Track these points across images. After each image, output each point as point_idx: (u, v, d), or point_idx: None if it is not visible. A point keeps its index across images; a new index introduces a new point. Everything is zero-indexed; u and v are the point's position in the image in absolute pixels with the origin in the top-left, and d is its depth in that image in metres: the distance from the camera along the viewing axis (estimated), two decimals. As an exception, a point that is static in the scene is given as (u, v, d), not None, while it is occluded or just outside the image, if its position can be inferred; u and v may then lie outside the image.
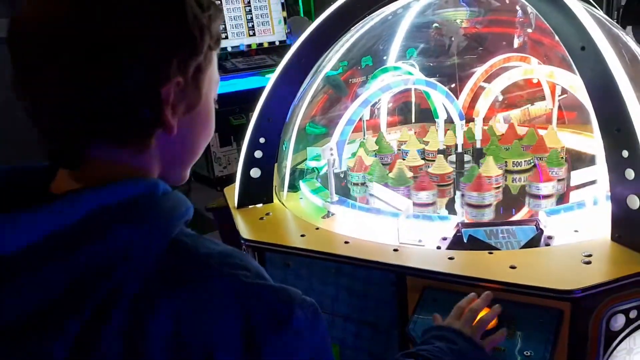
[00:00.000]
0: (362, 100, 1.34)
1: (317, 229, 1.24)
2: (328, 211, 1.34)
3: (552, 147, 1.46)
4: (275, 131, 1.39)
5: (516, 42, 2.30)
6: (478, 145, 1.59)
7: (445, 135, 1.62)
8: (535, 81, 2.19)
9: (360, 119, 1.97)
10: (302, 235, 1.21)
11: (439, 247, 1.11)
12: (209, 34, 0.51)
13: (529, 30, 1.68)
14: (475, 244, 1.11)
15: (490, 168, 1.37)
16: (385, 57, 1.94)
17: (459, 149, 1.54)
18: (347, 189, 1.56)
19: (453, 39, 3.40)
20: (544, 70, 1.41)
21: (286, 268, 1.23)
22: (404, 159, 1.58)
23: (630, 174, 0.97)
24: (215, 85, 0.56)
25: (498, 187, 1.37)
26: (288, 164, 1.47)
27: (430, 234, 1.16)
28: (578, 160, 1.51)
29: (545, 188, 1.31)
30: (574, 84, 1.26)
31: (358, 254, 1.10)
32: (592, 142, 1.66)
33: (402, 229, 1.15)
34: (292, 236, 1.22)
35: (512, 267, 0.97)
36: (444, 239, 1.14)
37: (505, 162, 1.48)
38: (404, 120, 2.28)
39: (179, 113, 0.51)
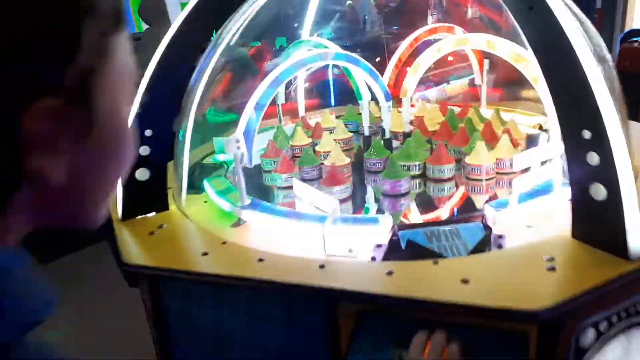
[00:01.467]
0: (272, 80, 1.10)
1: (224, 243, 0.99)
2: (239, 218, 1.09)
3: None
4: (165, 120, 1.11)
5: (430, 20, 2.15)
6: (407, 129, 1.41)
7: (369, 118, 1.42)
8: (450, 58, 2.09)
9: (275, 103, 1.74)
10: (205, 254, 0.95)
11: (373, 258, 0.90)
12: (93, 12, 0.33)
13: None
14: (416, 251, 0.92)
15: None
16: (300, 33, 1.71)
17: (387, 134, 1.34)
18: (267, 188, 1.32)
19: (367, 17, 3.22)
20: (480, 39, 1.23)
21: (187, 297, 0.97)
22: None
23: (593, 158, 0.81)
24: (126, 83, 0.38)
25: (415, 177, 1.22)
26: (185, 158, 1.19)
27: (361, 240, 0.95)
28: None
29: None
30: (516, 53, 1.10)
31: (275, 276, 0.86)
32: (530, 120, 1.55)
33: (328, 238, 0.93)
34: (191, 256, 0.96)
35: (464, 282, 0.78)
36: (379, 246, 0.94)
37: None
38: (324, 103, 2.06)
39: (61, 151, 0.34)
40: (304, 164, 1.28)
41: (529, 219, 0.97)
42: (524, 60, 1.08)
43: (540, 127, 1.52)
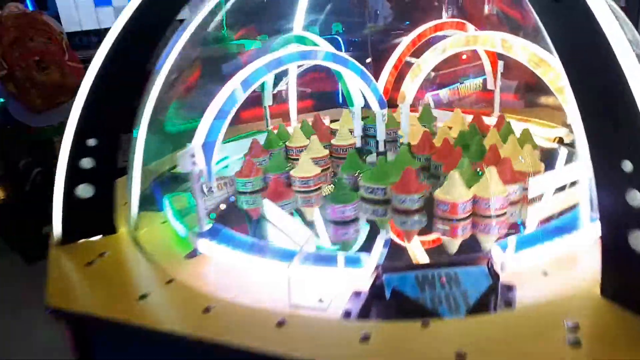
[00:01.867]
0: (239, 82, 0.91)
1: (170, 282, 0.81)
2: (194, 248, 0.91)
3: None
4: (112, 127, 0.94)
5: (445, 16, 1.95)
6: (405, 139, 1.21)
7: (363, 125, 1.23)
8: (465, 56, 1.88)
9: (261, 105, 1.55)
10: (143, 297, 0.78)
11: (348, 314, 0.71)
12: None
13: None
14: (403, 304, 0.73)
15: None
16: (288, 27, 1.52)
17: (380, 147, 1.15)
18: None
19: (379, 12, 3.00)
20: (494, 38, 1.03)
21: (118, 343, 0.80)
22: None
23: (635, 197, 0.61)
24: None
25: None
26: (136, 169, 1.00)
27: (336, 284, 0.77)
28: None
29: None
30: (538, 56, 0.90)
31: (218, 334, 0.68)
32: (549, 132, 1.34)
33: (295, 282, 0.75)
34: (125, 299, 0.78)
35: (460, 356, 0.59)
36: (357, 294, 0.75)
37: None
38: (319, 105, 1.87)
39: None
40: (268, 171, 1.10)
41: (546, 263, 0.77)
42: (545, 64, 0.89)
43: (561, 141, 1.32)
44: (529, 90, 1.53)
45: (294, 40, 1.35)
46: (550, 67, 0.87)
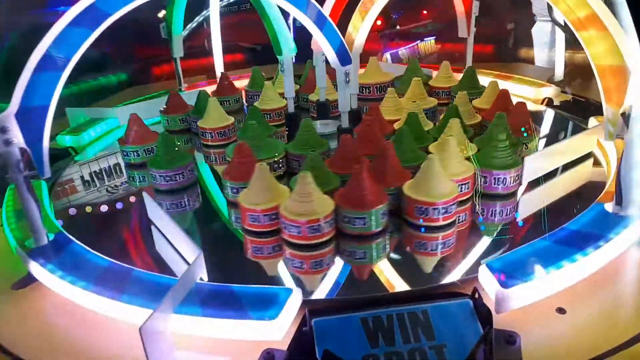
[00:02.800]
0: (79, 13, 0.57)
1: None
2: (28, 272, 0.59)
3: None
4: None
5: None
6: (322, 96, 0.91)
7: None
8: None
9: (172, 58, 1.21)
10: None
11: (248, 399, 0.42)
12: None
13: None
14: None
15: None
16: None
17: (344, 122, 0.84)
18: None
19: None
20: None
21: None
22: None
23: None
24: None
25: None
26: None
27: (238, 343, 0.47)
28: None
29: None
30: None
31: None
32: (534, 92, 1.07)
33: (159, 341, 0.44)
34: None
35: None
36: (269, 357, 0.46)
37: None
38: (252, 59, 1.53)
39: None
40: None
41: (564, 294, 0.50)
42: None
43: (550, 103, 1.05)
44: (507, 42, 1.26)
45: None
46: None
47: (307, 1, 0.72)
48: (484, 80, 1.04)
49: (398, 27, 1.68)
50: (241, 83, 1.24)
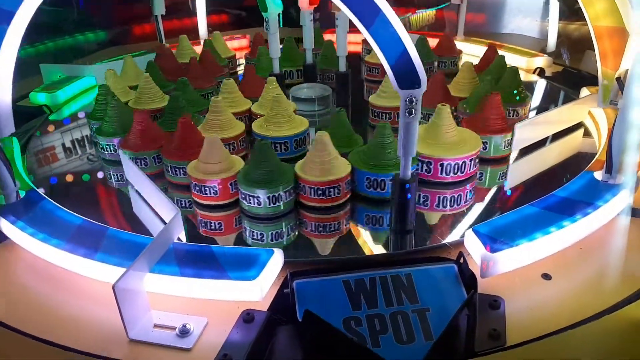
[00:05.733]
0: None
1: None
2: (-2, 229, 0.57)
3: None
4: None
5: None
6: (341, 66, 0.88)
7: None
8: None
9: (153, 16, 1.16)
10: None
11: (225, 357, 0.41)
12: None
13: None
14: (324, 335, 0.43)
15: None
16: None
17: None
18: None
19: None
20: None
21: None
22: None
23: None
24: None
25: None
26: None
27: (216, 303, 0.46)
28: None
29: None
30: None
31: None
32: (526, 62, 1.05)
33: (133, 299, 0.43)
34: None
35: None
36: (247, 319, 0.45)
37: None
38: (237, 21, 1.48)
39: None
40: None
41: (550, 260, 0.49)
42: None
43: (542, 72, 1.03)
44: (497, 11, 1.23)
45: None
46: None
47: None
48: (477, 48, 1.02)
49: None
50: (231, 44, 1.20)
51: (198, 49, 1.13)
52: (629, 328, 0.41)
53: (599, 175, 0.58)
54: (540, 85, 1.01)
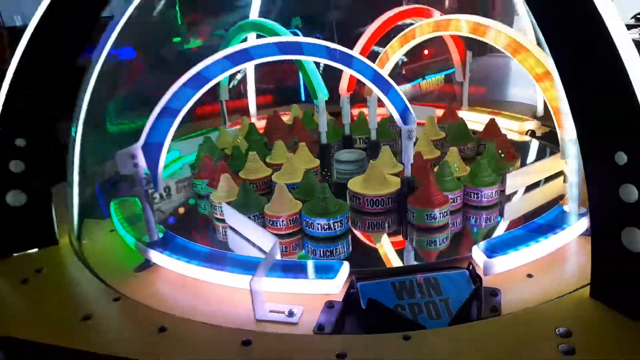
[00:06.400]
0: (190, 78, 0.81)
1: (117, 300, 0.72)
2: (145, 259, 0.82)
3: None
4: (43, 124, 0.83)
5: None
6: (373, 136, 1.15)
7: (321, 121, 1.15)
8: (426, 51, 1.84)
9: (218, 101, 1.46)
10: (86, 318, 0.68)
11: (320, 328, 0.64)
12: None
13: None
14: (380, 314, 0.66)
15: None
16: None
17: (407, 172, 1.03)
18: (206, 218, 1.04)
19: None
20: (467, 22, 0.97)
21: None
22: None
23: (630, 192, 0.57)
24: None
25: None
26: (75, 171, 0.90)
27: (307, 296, 0.69)
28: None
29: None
30: (517, 42, 0.85)
31: (176, 356, 0.59)
32: (519, 126, 1.31)
33: (259, 296, 0.67)
34: (67, 321, 0.68)
35: (447, 374, 0.53)
36: (330, 306, 0.68)
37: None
38: (280, 100, 1.79)
39: None
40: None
41: (531, 264, 0.72)
42: (524, 50, 0.84)
43: (533, 134, 1.29)
44: (498, 83, 1.50)
45: (250, 28, 1.26)
46: (530, 54, 0.82)
47: (372, 70, 0.89)
48: (479, 116, 1.28)
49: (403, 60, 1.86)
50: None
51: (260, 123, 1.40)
52: (576, 305, 0.63)
53: (566, 208, 0.81)
54: (534, 144, 1.26)
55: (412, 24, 1.15)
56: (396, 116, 0.90)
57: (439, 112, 1.31)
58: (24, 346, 0.66)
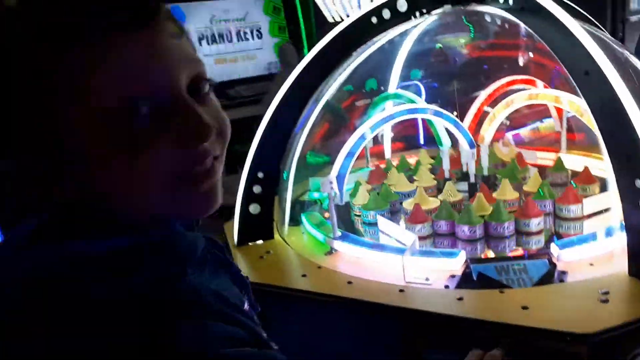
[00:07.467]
0: (362, 132, 1.30)
1: (320, 267, 1.19)
2: (331, 247, 1.29)
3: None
4: (274, 165, 1.36)
5: (521, 61, 2.24)
6: (485, 172, 1.54)
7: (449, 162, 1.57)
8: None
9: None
10: (304, 276, 1.16)
11: (447, 287, 1.05)
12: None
13: (531, 55, 1.63)
14: (485, 282, 1.05)
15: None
16: (386, 84, 1.92)
17: (472, 179, 1.47)
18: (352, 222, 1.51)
19: (457, 59, 3.34)
20: (549, 94, 1.37)
21: (287, 311, 1.18)
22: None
23: (646, 206, 0.91)
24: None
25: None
26: (288, 196, 1.43)
27: (437, 271, 1.11)
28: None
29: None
30: (581, 109, 1.22)
31: (361, 296, 1.04)
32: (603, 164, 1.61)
33: (407, 267, 1.10)
34: (293, 276, 1.17)
35: (524, 308, 0.91)
36: (452, 277, 1.09)
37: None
38: (407, 146, 2.24)
39: None
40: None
41: (592, 258, 1.07)
42: (587, 114, 1.19)
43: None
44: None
45: (391, 97, 1.74)
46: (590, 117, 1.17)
47: (454, 120, 1.36)
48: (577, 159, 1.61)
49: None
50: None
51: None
52: (619, 278, 0.97)
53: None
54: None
55: (522, 89, 1.53)
56: (465, 145, 1.33)
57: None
58: (272, 290, 1.16)
